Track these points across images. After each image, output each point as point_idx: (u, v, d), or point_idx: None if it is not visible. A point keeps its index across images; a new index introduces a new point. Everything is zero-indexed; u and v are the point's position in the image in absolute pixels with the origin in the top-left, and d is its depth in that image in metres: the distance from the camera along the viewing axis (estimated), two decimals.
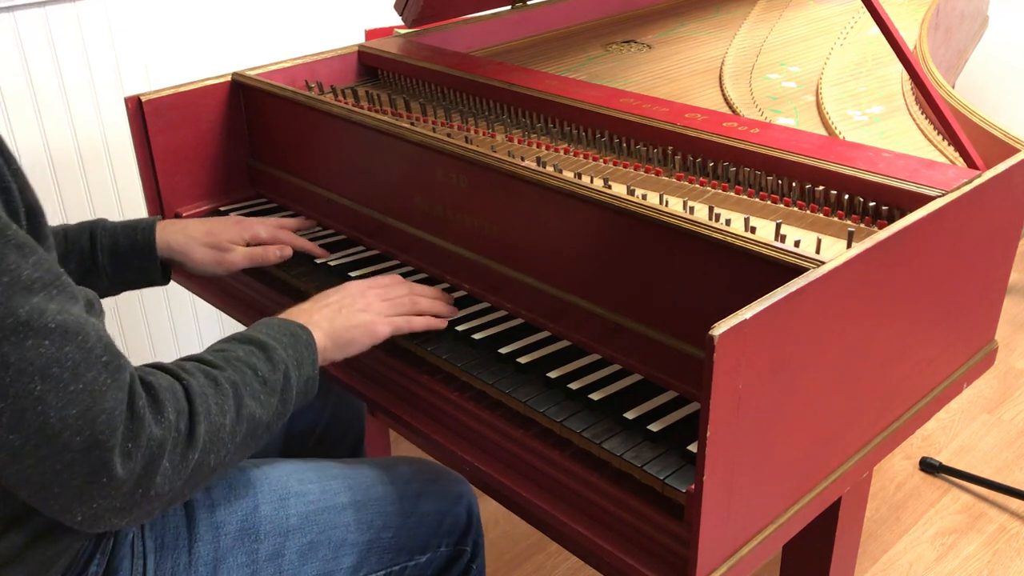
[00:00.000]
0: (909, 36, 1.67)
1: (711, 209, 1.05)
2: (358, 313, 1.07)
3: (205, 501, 1.00)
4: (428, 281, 1.25)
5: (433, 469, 1.17)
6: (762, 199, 1.11)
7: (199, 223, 1.28)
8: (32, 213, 0.81)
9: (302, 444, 1.36)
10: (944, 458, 2.12)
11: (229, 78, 1.48)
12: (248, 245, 1.29)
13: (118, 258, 1.22)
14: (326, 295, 1.10)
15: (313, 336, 1.00)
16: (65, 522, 0.79)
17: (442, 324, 1.13)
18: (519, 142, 1.30)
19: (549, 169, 1.08)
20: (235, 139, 1.52)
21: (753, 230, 0.96)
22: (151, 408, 0.79)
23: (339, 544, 1.05)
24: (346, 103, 1.37)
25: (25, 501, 0.78)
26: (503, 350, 1.08)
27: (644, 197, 1.05)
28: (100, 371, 0.76)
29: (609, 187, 1.06)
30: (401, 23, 1.63)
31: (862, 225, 1.03)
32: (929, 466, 2.09)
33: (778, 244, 0.90)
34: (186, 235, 1.24)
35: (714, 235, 0.92)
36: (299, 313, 1.05)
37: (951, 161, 1.19)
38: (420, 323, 1.11)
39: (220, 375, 0.88)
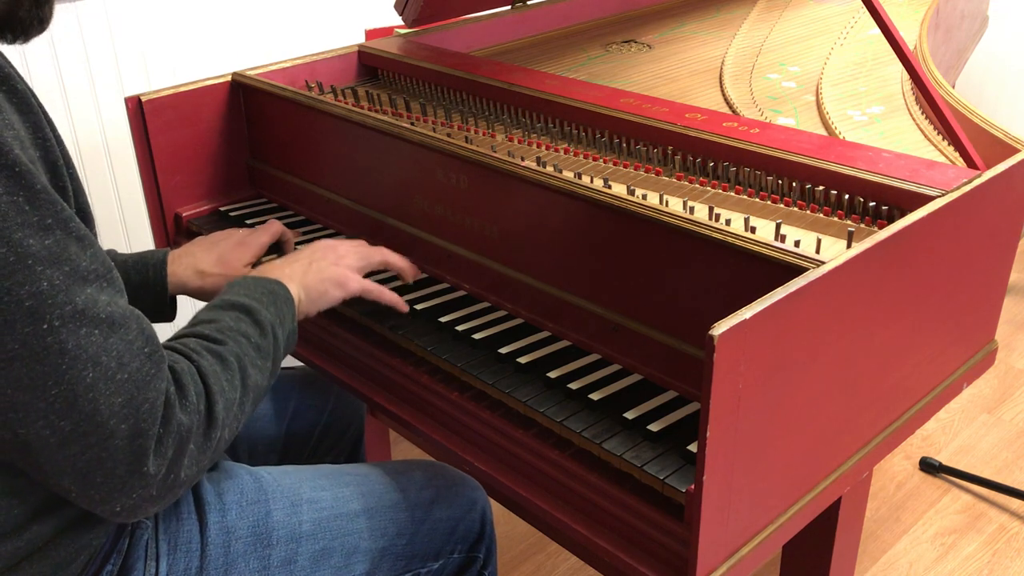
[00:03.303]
0: (909, 36, 1.67)
1: (711, 209, 1.05)
2: (329, 267, 1.10)
3: (217, 505, 1.01)
4: (428, 281, 1.25)
5: (447, 475, 1.16)
6: (762, 199, 1.11)
7: (207, 251, 1.22)
8: (83, 215, 0.83)
9: (303, 443, 1.36)
10: (944, 458, 2.12)
11: (229, 78, 1.48)
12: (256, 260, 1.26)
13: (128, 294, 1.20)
14: (296, 252, 1.12)
15: (289, 290, 1.02)
16: (103, 514, 0.81)
17: (405, 307, 1.15)
18: (519, 142, 1.30)
19: (549, 169, 1.08)
20: (235, 139, 1.52)
21: (753, 230, 0.96)
22: (177, 394, 0.81)
23: (351, 551, 1.05)
24: (346, 103, 1.37)
25: (65, 493, 0.79)
26: (503, 350, 1.08)
27: (644, 197, 1.05)
28: (144, 362, 0.78)
29: (609, 187, 1.06)
30: (401, 23, 1.63)
31: (862, 225, 1.03)
32: (929, 466, 2.09)
33: (778, 244, 0.90)
34: (197, 271, 1.20)
35: (714, 235, 0.92)
36: (271, 270, 1.07)
37: (951, 161, 1.19)
38: (390, 296, 1.14)
39: (224, 350, 0.89)
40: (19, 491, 0.83)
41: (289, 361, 1.39)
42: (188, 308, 2.16)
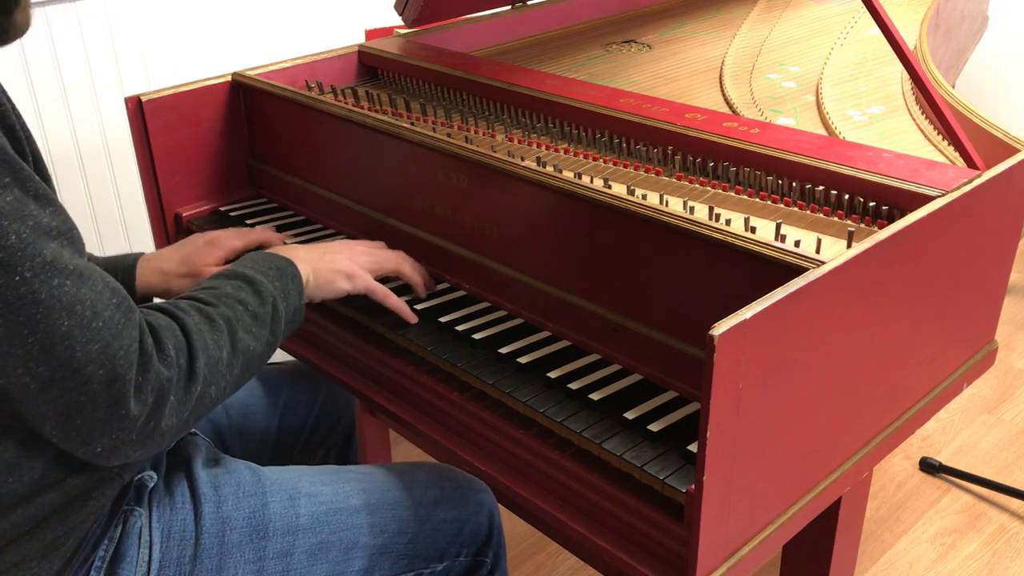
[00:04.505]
0: (909, 36, 1.67)
1: (711, 209, 1.05)
2: (342, 259, 1.13)
3: (213, 496, 1.01)
4: None
5: (454, 477, 1.16)
6: (762, 199, 1.11)
7: (173, 253, 1.22)
8: (42, 180, 0.84)
9: (295, 437, 1.35)
10: (944, 458, 2.12)
11: (229, 78, 1.48)
12: (227, 261, 1.23)
13: None
14: (315, 244, 1.15)
15: (297, 268, 1.05)
16: (85, 456, 0.84)
17: (413, 318, 1.15)
18: (519, 142, 1.30)
19: (549, 169, 1.08)
20: (235, 139, 1.52)
21: (753, 230, 0.96)
22: (155, 346, 0.85)
23: (350, 546, 1.05)
24: (346, 103, 1.37)
25: (48, 437, 0.82)
26: (503, 350, 1.08)
27: (644, 197, 1.05)
28: (114, 311, 0.81)
29: (609, 187, 1.06)
30: (401, 23, 1.63)
31: (862, 225, 1.03)
32: (929, 466, 2.09)
33: (778, 244, 0.90)
34: (162, 273, 1.19)
35: (714, 235, 0.92)
36: (284, 250, 1.10)
37: (951, 161, 1.19)
38: (395, 301, 1.15)
39: (213, 311, 0.92)
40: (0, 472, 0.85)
41: (280, 355, 1.39)
42: None
